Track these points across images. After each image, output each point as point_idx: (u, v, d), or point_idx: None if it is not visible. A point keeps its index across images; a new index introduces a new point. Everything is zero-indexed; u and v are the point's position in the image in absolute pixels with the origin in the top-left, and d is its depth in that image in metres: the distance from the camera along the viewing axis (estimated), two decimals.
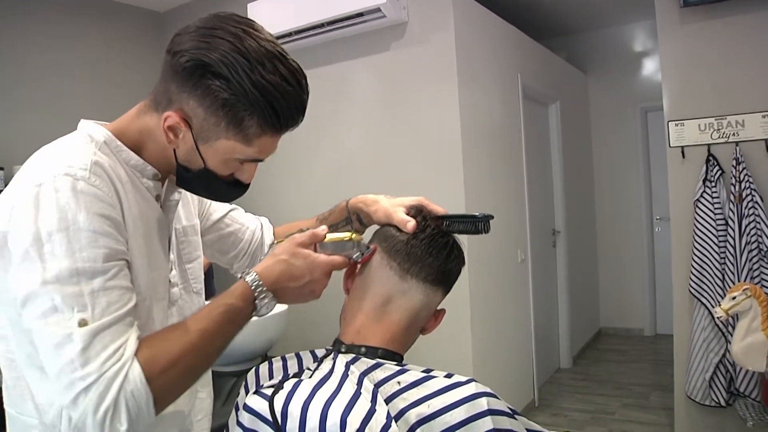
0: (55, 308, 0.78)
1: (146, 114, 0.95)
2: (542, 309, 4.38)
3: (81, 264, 0.80)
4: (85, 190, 0.83)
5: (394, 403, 0.86)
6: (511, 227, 3.86)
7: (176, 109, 0.89)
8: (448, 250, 1.05)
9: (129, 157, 0.96)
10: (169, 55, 0.89)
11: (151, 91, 0.95)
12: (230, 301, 0.91)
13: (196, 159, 0.94)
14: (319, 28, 3.33)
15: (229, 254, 1.34)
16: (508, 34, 3.94)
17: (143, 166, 0.97)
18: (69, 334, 0.77)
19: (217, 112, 0.88)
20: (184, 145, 0.93)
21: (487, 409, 0.83)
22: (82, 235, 0.81)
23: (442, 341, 3.21)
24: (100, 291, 0.81)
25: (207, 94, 0.87)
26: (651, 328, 5.63)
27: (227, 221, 1.31)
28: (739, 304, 2.54)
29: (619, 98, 5.59)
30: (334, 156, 3.58)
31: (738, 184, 2.99)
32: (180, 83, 0.88)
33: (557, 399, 4.21)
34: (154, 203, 1.00)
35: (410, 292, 1.01)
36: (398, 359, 0.99)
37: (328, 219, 1.30)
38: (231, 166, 0.96)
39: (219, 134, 0.90)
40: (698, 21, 3.12)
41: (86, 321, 0.78)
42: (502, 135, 3.79)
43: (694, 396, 3.16)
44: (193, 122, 0.90)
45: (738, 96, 3.05)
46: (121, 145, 0.95)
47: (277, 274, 0.95)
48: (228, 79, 0.86)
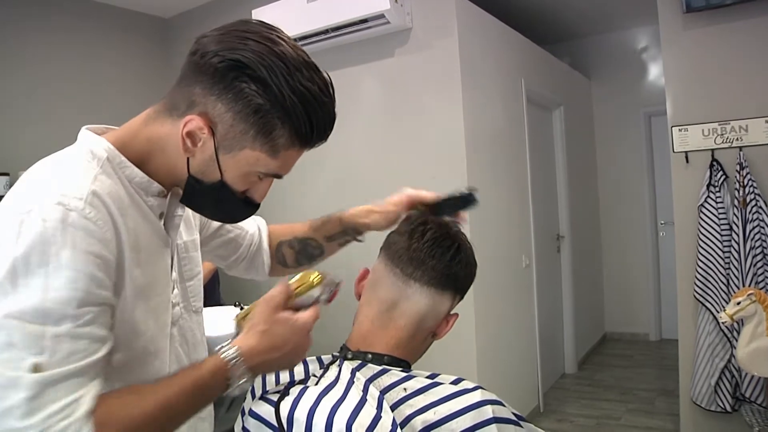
0: (11, 345, 0.70)
1: (157, 121, 0.88)
2: (547, 314, 4.38)
3: (51, 304, 0.72)
4: (77, 223, 0.76)
5: (400, 410, 0.86)
6: (515, 232, 3.86)
7: (200, 112, 0.82)
8: (452, 252, 1.03)
9: (133, 174, 0.88)
10: (196, 55, 0.82)
11: (163, 96, 0.89)
12: (200, 374, 0.82)
13: (213, 170, 0.86)
14: (324, 34, 3.34)
15: (229, 259, 1.30)
16: (511, 39, 3.95)
17: (148, 184, 0.89)
18: (17, 377, 0.69)
19: (247, 119, 0.81)
20: (201, 154, 0.85)
21: (492, 417, 0.83)
22: (62, 274, 0.73)
23: (446, 346, 3.20)
24: (65, 337, 0.72)
25: (239, 98, 0.80)
26: (656, 333, 5.62)
27: (228, 227, 1.26)
28: (744, 309, 2.53)
29: (623, 103, 5.59)
30: (340, 161, 3.59)
31: (742, 189, 2.99)
32: (208, 85, 0.81)
33: (562, 405, 4.19)
34: (158, 223, 0.93)
35: (414, 297, 1.01)
36: (404, 365, 0.98)
37: (321, 229, 1.30)
38: (249, 180, 0.89)
39: (245, 143, 0.83)
40: (701, 26, 3.13)
41: (40, 367, 0.70)
42: (506, 140, 3.79)
43: (700, 401, 3.15)
44: (217, 128, 0.83)
45: (741, 101, 3.05)
46: (125, 161, 0.87)
47: (260, 350, 0.86)
48: (266, 83, 0.80)
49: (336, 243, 1.31)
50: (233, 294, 3.58)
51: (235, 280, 3.92)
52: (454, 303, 1.06)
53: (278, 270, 1.36)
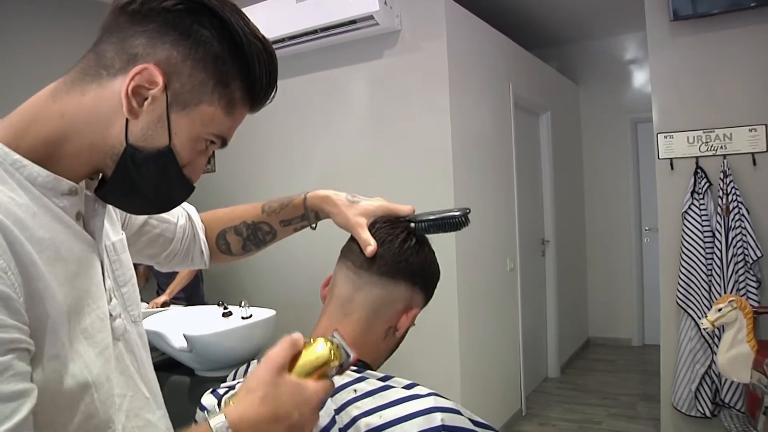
0: None
1: (72, 91, 0.72)
2: (530, 318, 4.39)
3: None
4: None
5: (347, 411, 0.84)
6: (500, 236, 3.87)
7: (152, 62, 0.70)
8: (401, 238, 0.98)
9: (34, 173, 0.70)
10: (134, 4, 0.70)
11: (75, 65, 0.74)
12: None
13: (160, 134, 0.73)
14: (312, 35, 3.33)
15: (159, 257, 1.15)
16: (500, 43, 3.96)
17: (55, 182, 0.72)
18: None
19: (206, 68, 0.72)
20: (148, 114, 0.72)
21: (440, 425, 0.79)
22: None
23: (430, 350, 3.21)
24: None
25: (198, 45, 0.71)
26: (639, 338, 5.66)
27: (153, 222, 1.10)
28: (725, 315, 2.56)
29: (610, 109, 5.63)
30: (326, 161, 3.58)
31: (725, 197, 3.02)
32: (157, 33, 0.70)
33: (545, 408, 4.21)
34: (76, 226, 0.76)
35: (366, 288, 0.97)
36: (360, 365, 0.94)
37: (279, 213, 1.17)
38: (196, 148, 0.77)
39: (203, 96, 0.73)
40: (688, 35, 3.16)
41: None
42: (493, 144, 3.80)
43: (680, 407, 3.17)
44: (171, 80, 0.71)
45: (726, 110, 3.09)
46: (20, 160, 0.69)
47: (258, 419, 0.68)
48: (228, 28, 0.72)
49: (291, 227, 1.19)
50: (217, 293, 3.56)
51: (219, 279, 3.91)
52: (415, 295, 1.00)
53: (220, 258, 1.23)
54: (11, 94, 3.43)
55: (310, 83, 3.61)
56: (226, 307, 2.92)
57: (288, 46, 3.40)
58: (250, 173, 3.91)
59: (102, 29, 0.73)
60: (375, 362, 0.99)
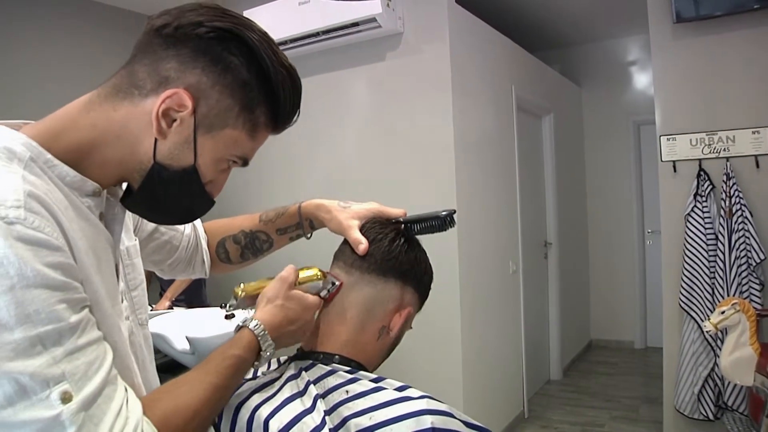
0: (24, 390, 0.59)
1: (105, 105, 0.76)
2: (533, 320, 4.39)
3: (42, 328, 0.61)
4: (25, 237, 0.63)
5: (338, 411, 0.84)
6: (502, 238, 3.87)
7: (182, 87, 0.75)
8: (391, 237, 1.01)
9: (63, 173, 0.74)
10: (168, 28, 0.74)
11: (109, 78, 0.79)
12: (238, 352, 0.84)
13: (186, 154, 0.78)
14: (315, 37, 3.34)
15: (163, 264, 1.20)
16: (502, 45, 3.96)
17: (81, 182, 0.76)
18: (54, 416, 0.60)
19: (234, 94, 0.77)
20: (176, 135, 0.76)
21: (430, 427, 0.79)
22: (33, 294, 0.61)
23: (432, 352, 3.21)
24: (75, 352, 0.63)
25: (227, 72, 0.75)
26: (641, 341, 5.64)
27: (162, 229, 1.15)
28: (728, 318, 2.55)
29: (613, 111, 5.63)
30: (329, 164, 3.58)
31: (728, 199, 3.01)
32: (188, 58, 0.74)
33: (547, 411, 4.20)
34: (100, 225, 0.81)
35: (357, 286, 0.99)
36: (354, 365, 0.95)
37: (275, 222, 1.22)
38: (218, 168, 0.83)
39: (228, 121, 0.78)
40: (690, 37, 3.15)
41: (70, 393, 0.61)
42: (495, 146, 3.80)
43: (683, 409, 3.16)
44: (200, 104, 0.76)
45: (729, 112, 3.08)
46: (52, 159, 0.73)
47: (279, 321, 0.91)
48: (256, 57, 0.76)
49: (287, 236, 1.24)
50: (219, 295, 3.56)
51: (221, 282, 3.91)
52: (406, 295, 1.02)
53: (220, 267, 1.29)
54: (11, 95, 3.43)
55: (313, 85, 3.61)
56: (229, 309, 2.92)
57: (291, 48, 3.41)
58: (251, 175, 3.91)
59: (136, 48, 0.78)
60: (369, 362, 1.00)
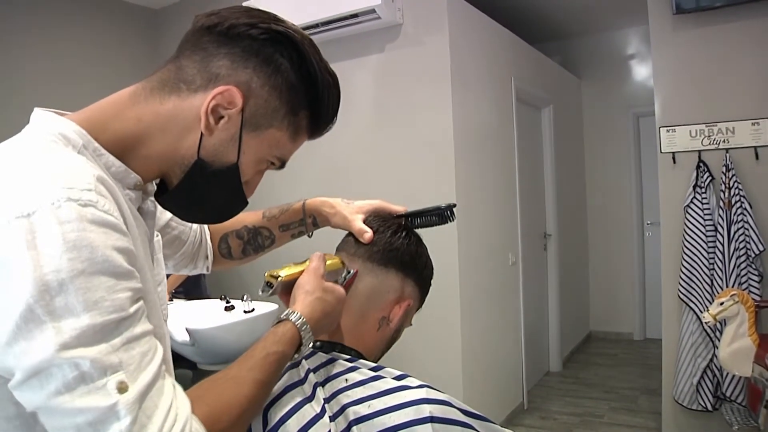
0: (83, 377, 0.59)
1: (151, 98, 0.77)
2: (532, 312, 4.40)
3: (106, 316, 0.61)
4: (97, 219, 0.63)
5: (337, 399, 0.86)
6: (502, 230, 3.88)
7: (233, 84, 0.76)
8: (393, 229, 1.04)
9: (109, 162, 0.75)
10: (220, 27, 0.76)
11: (154, 72, 0.80)
12: (282, 348, 0.83)
13: (231, 151, 0.79)
14: (314, 29, 3.33)
15: (172, 258, 1.20)
16: (502, 37, 3.95)
17: (125, 174, 0.77)
18: (111, 405, 0.60)
19: (281, 95, 0.78)
20: (223, 132, 0.78)
21: (428, 416, 0.80)
22: (101, 280, 0.62)
23: (432, 344, 3.22)
24: (131, 342, 0.64)
25: (277, 73, 0.77)
26: (640, 332, 5.66)
27: (173, 224, 1.16)
28: (727, 309, 2.56)
29: (612, 103, 5.62)
30: (328, 156, 3.57)
31: (727, 191, 3.01)
32: (240, 57, 0.76)
33: (546, 402, 4.22)
34: (140, 217, 0.82)
35: (359, 276, 1.01)
36: (354, 354, 0.97)
37: (278, 218, 1.24)
38: (258, 168, 0.85)
39: (274, 121, 0.80)
40: (690, 28, 3.15)
41: (125, 384, 0.61)
42: (495, 138, 3.80)
43: (682, 400, 3.18)
44: (248, 103, 0.77)
45: (728, 103, 3.08)
46: (100, 148, 0.74)
47: (319, 314, 0.90)
48: (305, 61, 0.78)
49: (289, 233, 1.25)
50: (219, 287, 3.57)
51: (220, 274, 3.91)
52: (406, 287, 1.03)
53: (221, 263, 1.30)
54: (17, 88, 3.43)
55: None
56: (229, 301, 2.93)
57: None
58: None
59: (182, 43, 0.79)
60: (369, 353, 1.01)
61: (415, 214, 1.10)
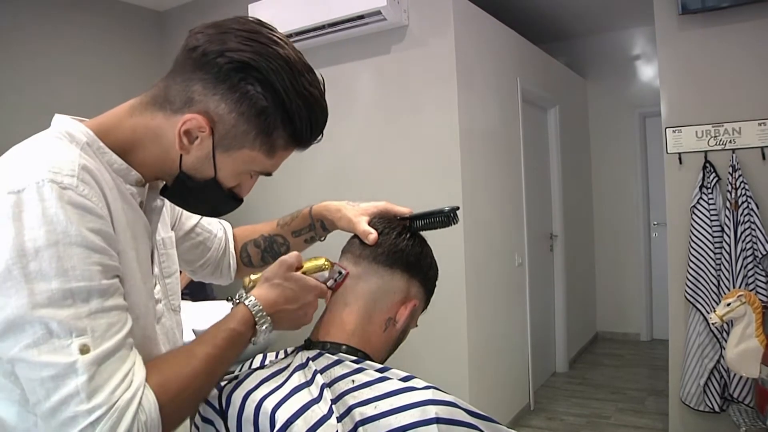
0: (50, 335, 0.68)
1: (145, 112, 0.85)
2: (539, 313, 4.39)
3: (75, 283, 0.70)
4: (74, 201, 0.73)
5: (344, 400, 0.86)
6: (508, 231, 3.87)
7: (200, 111, 0.82)
8: (398, 231, 1.05)
9: (112, 160, 0.85)
10: (196, 52, 0.81)
11: (151, 87, 0.87)
12: (232, 325, 0.88)
13: (207, 168, 0.86)
14: (320, 30, 3.34)
15: (195, 264, 1.28)
16: (507, 38, 3.95)
17: (127, 171, 0.86)
18: (71, 363, 0.68)
19: (250, 120, 0.82)
20: (197, 152, 0.84)
21: (434, 417, 0.80)
22: (73, 251, 0.71)
23: (438, 345, 3.22)
24: (99, 312, 0.72)
25: (244, 100, 0.81)
26: (647, 333, 5.64)
27: (198, 230, 1.24)
28: (734, 310, 2.55)
29: (618, 103, 5.61)
30: (334, 157, 3.58)
31: (734, 191, 3.00)
32: (210, 84, 0.81)
33: (553, 403, 4.21)
34: (140, 211, 0.90)
35: (365, 277, 1.01)
36: (360, 355, 0.97)
37: (290, 224, 1.29)
38: (240, 177, 0.90)
39: (244, 143, 0.84)
40: (696, 28, 3.14)
41: (88, 347, 0.69)
42: (501, 139, 3.80)
43: (689, 401, 3.17)
44: (217, 128, 0.83)
45: (735, 104, 3.07)
46: (104, 147, 0.84)
47: (275, 298, 0.93)
48: (272, 86, 0.81)
49: (302, 239, 1.29)
50: (226, 289, 3.58)
51: None
52: (412, 288, 1.04)
53: (244, 271, 1.35)
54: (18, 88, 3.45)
55: None
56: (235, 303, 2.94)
57: (295, 41, 3.40)
58: None
59: (175, 60, 0.85)
60: (375, 354, 1.01)
61: (419, 217, 1.11)
